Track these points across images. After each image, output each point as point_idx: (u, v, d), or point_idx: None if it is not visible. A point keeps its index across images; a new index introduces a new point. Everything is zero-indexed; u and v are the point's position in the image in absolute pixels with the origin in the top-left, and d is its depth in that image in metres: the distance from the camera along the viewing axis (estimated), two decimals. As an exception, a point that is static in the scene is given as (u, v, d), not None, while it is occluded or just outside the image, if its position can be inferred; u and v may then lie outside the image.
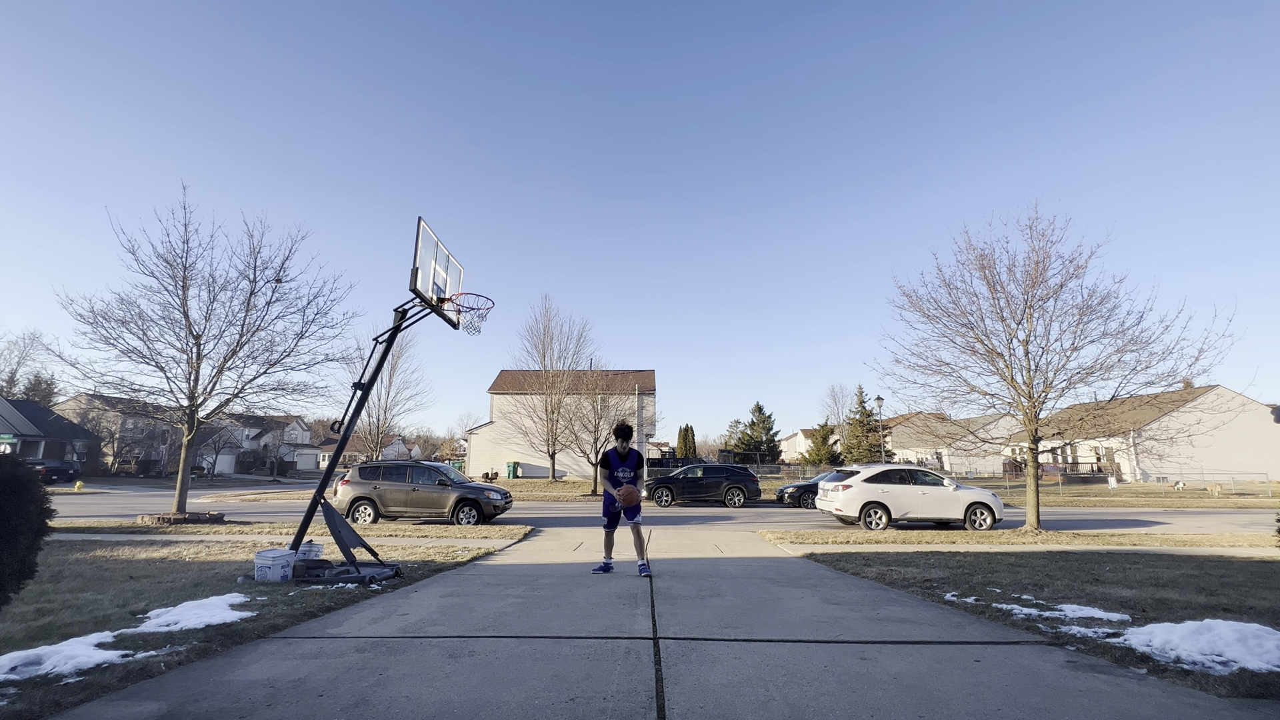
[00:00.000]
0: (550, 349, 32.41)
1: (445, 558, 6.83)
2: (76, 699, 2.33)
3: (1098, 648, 3.16)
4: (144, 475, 39.76)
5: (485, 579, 5.51)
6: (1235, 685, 2.53)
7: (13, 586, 2.56)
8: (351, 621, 3.75)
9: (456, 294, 7.16)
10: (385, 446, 42.65)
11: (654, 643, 3.25)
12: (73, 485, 26.45)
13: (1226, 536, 10.27)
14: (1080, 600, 4.54)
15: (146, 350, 11.38)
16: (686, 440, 52.43)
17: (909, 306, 12.52)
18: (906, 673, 2.74)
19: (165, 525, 10.61)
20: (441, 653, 3.04)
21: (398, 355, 33.74)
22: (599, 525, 13.78)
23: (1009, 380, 11.59)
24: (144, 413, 14.12)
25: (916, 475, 12.77)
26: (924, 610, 4.23)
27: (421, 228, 6.18)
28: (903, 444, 45.84)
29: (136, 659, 2.82)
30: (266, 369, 12.39)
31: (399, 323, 6.45)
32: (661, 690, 2.50)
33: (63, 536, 8.46)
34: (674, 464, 40.38)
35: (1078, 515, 17.02)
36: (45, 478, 20.53)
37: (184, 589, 4.74)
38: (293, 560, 5.37)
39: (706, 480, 20.07)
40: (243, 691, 2.46)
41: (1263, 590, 5.02)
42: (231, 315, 12.03)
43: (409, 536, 9.52)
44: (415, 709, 2.28)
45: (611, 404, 30.65)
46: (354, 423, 6.15)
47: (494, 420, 37.59)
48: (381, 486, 12.39)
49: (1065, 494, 26.36)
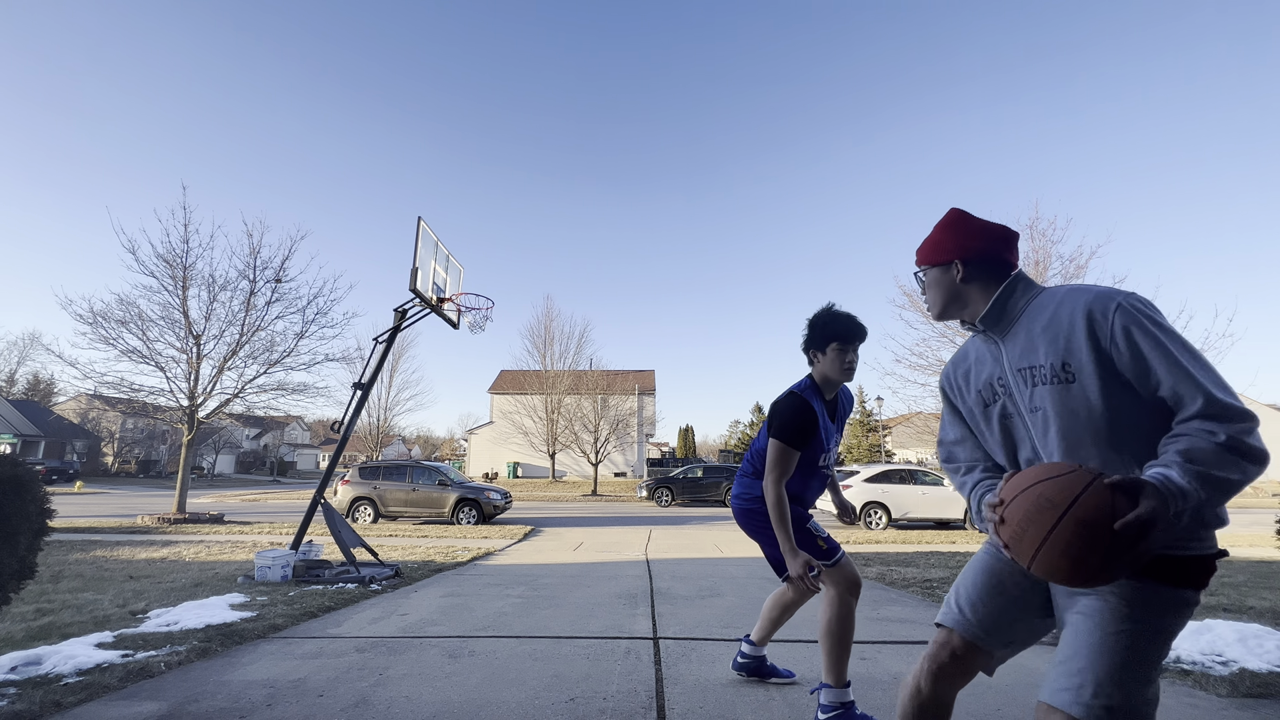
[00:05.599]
0: (551, 349, 32.45)
1: (445, 558, 6.83)
2: (76, 699, 2.33)
3: (1098, 648, 3.16)
4: (144, 475, 39.79)
5: (485, 579, 5.51)
6: (1235, 685, 2.53)
7: (13, 586, 2.56)
8: (351, 621, 3.75)
9: (456, 294, 7.17)
10: (385, 446, 42.70)
11: (654, 643, 3.25)
12: (73, 485, 26.47)
13: (1226, 536, 10.27)
14: (1080, 600, 4.54)
15: (146, 350, 11.40)
16: (686, 440, 52.46)
17: (909, 306, 12.55)
18: (906, 673, 2.74)
19: (165, 525, 10.61)
20: (441, 653, 3.04)
21: (398, 355, 33.76)
22: (599, 525, 13.26)
23: (1009, 380, 11.58)
24: (144, 413, 14.14)
25: (916, 475, 12.77)
26: (924, 610, 4.23)
27: (421, 227, 6.18)
28: (903, 444, 45.88)
29: (136, 659, 2.82)
30: (266, 369, 12.40)
31: (399, 323, 6.45)
32: (661, 690, 2.50)
33: (63, 536, 8.46)
34: (674, 464, 40.39)
35: (1078, 515, 17.03)
36: (45, 478, 20.54)
37: (184, 589, 4.74)
38: (293, 560, 5.37)
39: (706, 480, 20.09)
40: (243, 691, 2.46)
41: (1263, 590, 5.03)
42: (231, 315, 12.06)
43: (409, 536, 9.53)
44: (415, 709, 2.28)
45: (611, 404, 30.68)
46: (354, 423, 6.15)
47: (494, 420, 37.60)
48: (381, 486, 12.39)
49: (1065, 494, 26.36)
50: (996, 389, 1.30)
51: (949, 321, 1.53)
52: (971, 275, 1.33)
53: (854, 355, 2.27)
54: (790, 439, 2.20)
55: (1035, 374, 1.21)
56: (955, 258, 1.34)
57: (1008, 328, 1.30)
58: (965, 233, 1.35)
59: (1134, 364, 1.10)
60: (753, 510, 2.41)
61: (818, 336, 2.28)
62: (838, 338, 2.25)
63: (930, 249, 1.40)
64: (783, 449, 2.20)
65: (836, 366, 2.25)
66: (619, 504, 21.20)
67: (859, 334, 2.26)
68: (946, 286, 1.37)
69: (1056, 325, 1.18)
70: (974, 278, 1.33)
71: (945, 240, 1.37)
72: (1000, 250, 1.33)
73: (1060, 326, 1.17)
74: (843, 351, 2.25)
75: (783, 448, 2.20)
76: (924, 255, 1.42)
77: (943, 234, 1.38)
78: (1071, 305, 1.17)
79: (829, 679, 2.16)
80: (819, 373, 2.31)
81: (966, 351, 1.44)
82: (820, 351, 2.28)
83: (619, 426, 30.81)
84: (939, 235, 1.39)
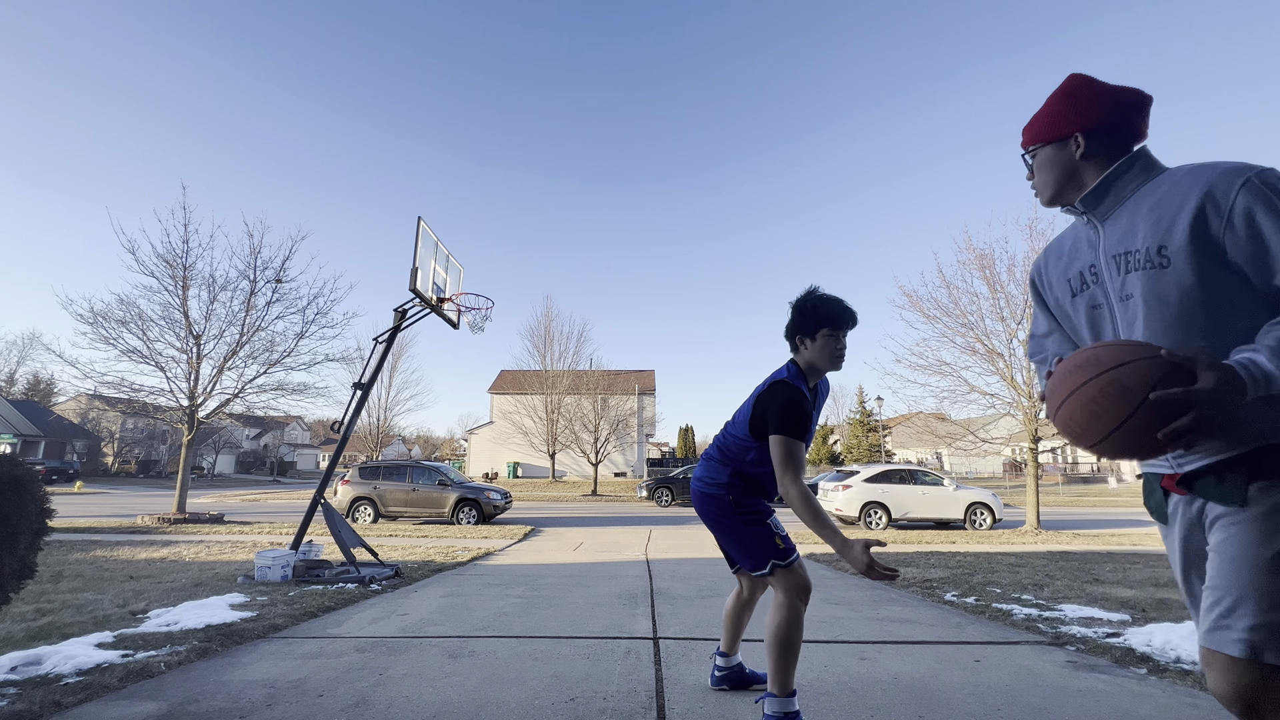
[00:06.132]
0: (551, 349, 32.45)
1: (445, 558, 6.83)
2: (76, 699, 2.33)
3: (1098, 648, 3.17)
4: (144, 475, 39.78)
5: (485, 579, 5.51)
6: (1235, 685, 2.52)
7: (13, 586, 2.56)
8: (351, 621, 3.75)
9: (456, 294, 7.17)
10: (385, 446, 42.69)
11: (654, 643, 3.25)
12: (73, 485, 26.47)
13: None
14: (1080, 600, 4.54)
15: (146, 350, 11.40)
16: (686, 440, 52.46)
17: (909, 306, 12.54)
18: (906, 673, 2.74)
19: (165, 525, 10.61)
20: (441, 653, 3.04)
21: (398, 355, 33.76)
22: (599, 525, 13.25)
23: (1009, 380, 11.59)
24: (144, 413, 14.13)
25: (916, 475, 12.78)
26: (924, 610, 4.23)
27: (421, 227, 6.18)
28: (903, 444, 45.91)
29: (136, 659, 2.82)
30: (266, 369, 12.40)
31: (399, 323, 6.45)
32: (661, 690, 2.50)
33: (63, 536, 8.46)
34: (674, 464, 40.38)
35: (1078, 515, 17.03)
36: (45, 478, 20.54)
37: (184, 589, 4.74)
38: (293, 560, 5.37)
39: (706, 480, 20.05)
40: (243, 691, 2.46)
41: (1263, 590, 5.02)
42: (231, 315, 12.06)
43: (409, 536, 9.53)
44: (415, 709, 2.28)
45: (611, 404, 30.68)
46: (354, 423, 6.15)
47: (494, 420, 37.60)
48: (381, 486, 12.39)
49: (1065, 494, 26.38)
50: (1087, 278, 1.20)
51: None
52: (1095, 149, 1.18)
53: (844, 342, 2.12)
54: (796, 432, 2.01)
55: (1130, 259, 1.10)
56: (1077, 129, 1.19)
57: (1112, 209, 1.17)
58: (1089, 100, 1.19)
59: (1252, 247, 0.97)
60: (713, 496, 2.25)
61: (806, 321, 2.10)
62: (828, 323, 2.07)
63: (1044, 123, 1.24)
64: (792, 444, 2.00)
65: (826, 354, 2.09)
66: (619, 504, 21.20)
67: (850, 319, 2.10)
68: (1062, 165, 1.21)
69: (1165, 205, 1.06)
70: (1097, 152, 1.18)
71: (1065, 111, 1.21)
72: (1131, 118, 1.17)
73: (1169, 207, 1.05)
74: (833, 338, 2.08)
75: (791, 442, 2.00)
76: (1035, 131, 1.25)
77: (1061, 104, 1.22)
78: (1190, 183, 1.05)
79: (774, 688, 2.01)
80: (804, 360, 2.13)
81: (1063, 239, 1.31)
82: (809, 337, 2.11)
83: (619, 426, 30.82)
84: (1056, 105, 1.23)
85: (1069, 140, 1.20)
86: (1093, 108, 1.18)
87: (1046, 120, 1.24)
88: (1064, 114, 1.21)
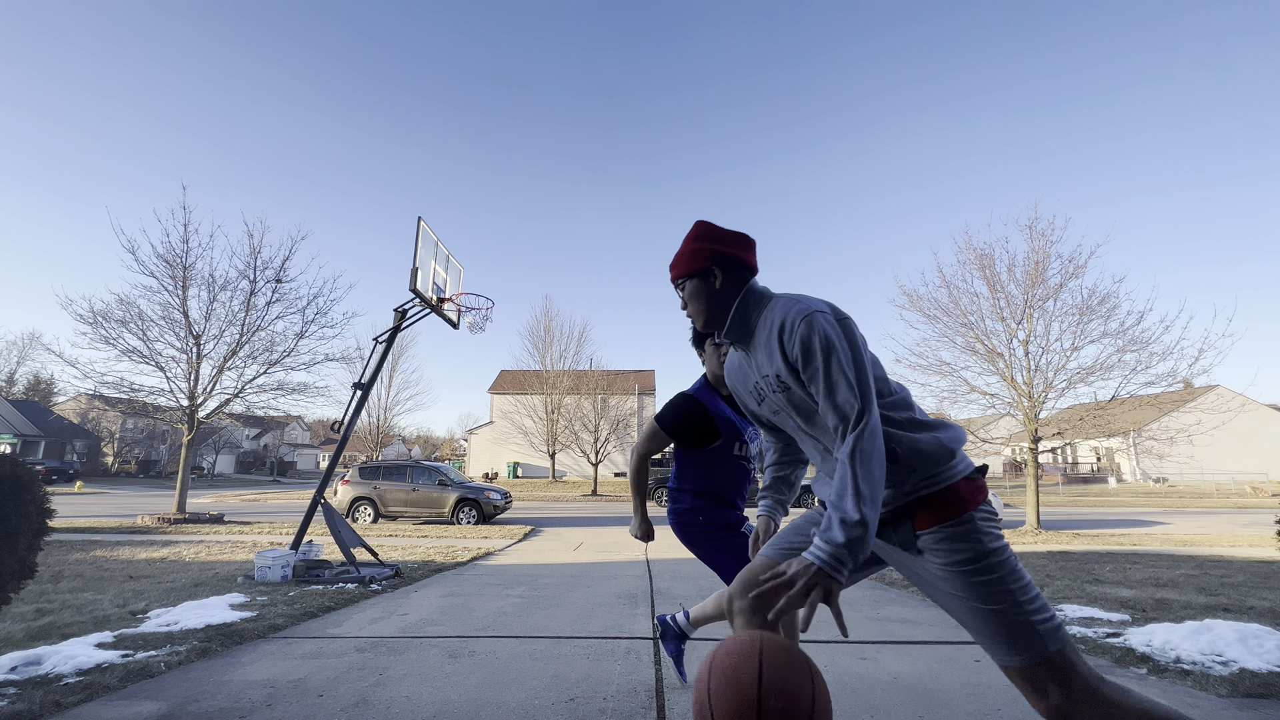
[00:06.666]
0: (551, 349, 32.44)
1: (445, 558, 6.83)
2: (76, 699, 2.33)
3: (1098, 648, 3.16)
4: (144, 475, 39.79)
5: (485, 579, 5.51)
6: (1235, 685, 2.53)
7: (13, 586, 2.56)
8: (351, 621, 3.75)
9: (456, 294, 7.17)
10: (385, 446, 42.71)
11: (654, 643, 3.25)
12: (73, 485, 26.47)
13: (1226, 536, 10.27)
14: (1080, 600, 4.54)
15: (146, 350, 11.40)
16: (686, 440, 52.35)
17: (909, 306, 12.53)
18: (906, 673, 2.74)
19: (165, 525, 10.62)
20: (441, 653, 3.04)
21: (398, 355, 33.79)
22: (599, 525, 13.28)
23: (1009, 380, 11.59)
24: (144, 413, 14.14)
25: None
26: (924, 610, 4.22)
27: (421, 227, 6.18)
28: (903, 444, 45.75)
29: (136, 659, 2.82)
30: (266, 369, 12.41)
31: (399, 323, 6.45)
32: (661, 690, 2.50)
33: (63, 536, 8.46)
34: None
35: (1078, 515, 17.02)
36: (45, 478, 20.57)
37: (184, 589, 4.74)
38: (293, 560, 5.37)
39: (706, 480, 20.04)
40: (243, 691, 2.46)
41: (1263, 590, 5.02)
42: (231, 315, 12.06)
43: (409, 536, 9.53)
44: (415, 709, 2.28)
45: (611, 404, 30.69)
46: (354, 423, 6.15)
47: (494, 420, 37.60)
48: (381, 486, 12.39)
49: (1065, 494, 26.38)
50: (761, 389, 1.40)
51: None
52: (727, 281, 1.38)
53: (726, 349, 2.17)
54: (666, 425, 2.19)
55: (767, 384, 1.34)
56: (713, 264, 1.38)
57: (748, 339, 1.37)
58: (715, 239, 1.40)
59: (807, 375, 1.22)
60: (686, 523, 2.23)
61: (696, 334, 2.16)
62: None
63: (687, 259, 1.41)
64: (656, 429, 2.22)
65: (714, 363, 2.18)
66: (619, 504, 21.19)
67: None
68: (708, 295, 1.40)
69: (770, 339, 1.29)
70: (729, 283, 1.39)
71: (700, 248, 1.40)
72: (744, 254, 1.40)
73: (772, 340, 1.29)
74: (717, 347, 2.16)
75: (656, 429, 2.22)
76: (682, 267, 1.42)
77: (696, 243, 1.41)
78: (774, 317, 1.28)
79: None
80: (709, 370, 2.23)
81: (733, 362, 1.51)
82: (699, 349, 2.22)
83: (619, 426, 30.81)
84: (693, 245, 1.42)
85: (709, 272, 1.39)
86: (719, 244, 1.40)
87: (689, 256, 1.42)
88: (701, 250, 1.40)
